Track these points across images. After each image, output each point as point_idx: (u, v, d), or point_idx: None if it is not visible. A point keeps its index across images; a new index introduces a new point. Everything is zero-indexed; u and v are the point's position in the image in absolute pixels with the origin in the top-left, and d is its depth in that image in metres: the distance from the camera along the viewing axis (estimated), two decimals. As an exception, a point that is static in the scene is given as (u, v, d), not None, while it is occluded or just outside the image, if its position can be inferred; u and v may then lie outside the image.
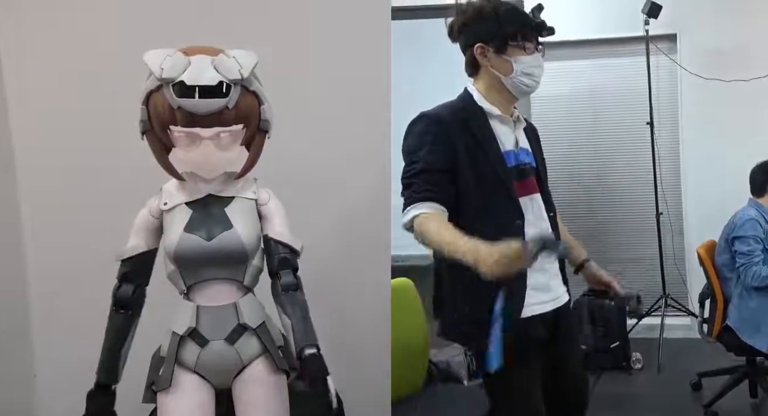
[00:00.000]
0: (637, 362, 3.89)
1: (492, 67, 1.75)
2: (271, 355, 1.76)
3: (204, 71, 1.59)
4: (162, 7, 2.33)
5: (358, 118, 2.33)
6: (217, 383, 1.76)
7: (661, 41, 4.26)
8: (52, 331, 2.53)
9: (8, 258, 2.52)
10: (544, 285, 1.77)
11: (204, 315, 1.73)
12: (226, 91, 1.60)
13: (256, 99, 1.70)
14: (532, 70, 1.74)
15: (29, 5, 2.48)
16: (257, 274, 1.79)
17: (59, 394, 2.41)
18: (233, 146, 1.69)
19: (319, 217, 2.31)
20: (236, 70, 1.61)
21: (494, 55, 1.73)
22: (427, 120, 1.73)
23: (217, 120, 1.62)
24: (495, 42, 1.72)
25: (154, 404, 1.76)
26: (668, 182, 4.33)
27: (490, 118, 1.76)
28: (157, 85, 1.62)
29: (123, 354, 1.79)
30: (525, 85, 1.75)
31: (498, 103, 1.77)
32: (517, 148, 1.79)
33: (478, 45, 1.74)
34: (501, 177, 1.72)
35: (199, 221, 1.72)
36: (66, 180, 2.46)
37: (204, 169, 1.71)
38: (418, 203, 1.66)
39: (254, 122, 1.71)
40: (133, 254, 1.78)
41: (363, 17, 2.31)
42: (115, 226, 1.85)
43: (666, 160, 4.36)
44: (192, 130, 1.62)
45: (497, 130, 1.76)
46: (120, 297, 1.79)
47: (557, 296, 1.82)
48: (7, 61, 2.48)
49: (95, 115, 2.38)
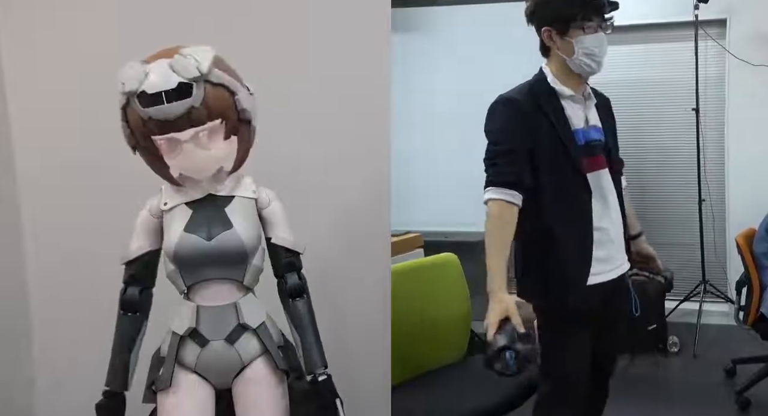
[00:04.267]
0: (674, 345, 3.94)
1: (558, 49, 1.85)
2: (271, 355, 1.76)
3: (162, 76, 1.55)
4: (162, 7, 2.30)
5: (357, 117, 2.31)
6: (217, 383, 1.75)
7: (710, 26, 4.22)
8: (52, 331, 2.50)
9: (8, 258, 2.49)
10: (609, 257, 1.90)
11: (204, 315, 1.72)
12: (188, 91, 1.56)
13: (228, 91, 1.64)
14: (592, 49, 1.82)
15: (29, 5, 2.45)
16: (257, 274, 1.78)
17: (59, 394, 2.45)
18: (215, 143, 1.64)
19: (319, 216, 2.29)
20: (194, 68, 1.56)
21: (558, 38, 1.83)
22: (505, 102, 1.84)
23: (189, 121, 1.58)
24: (557, 24, 1.82)
25: (154, 404, 1.75)
26: (712, 169, 4.33)
27: (561, 98, 1.86)
28: (126, 99, 1.60)
29: (133, 358, 1.77)
30: (586, 65, 1.84)
31: (568, 83, 1.87)
32: (587, 126, 1.90)
33: (544, 28, 1.85)
34: (571, 154, 1.83)
35: (199, 221, 1.70)
36: (66, 180, 2.43)
37: (192, 170, 1.68)
38: (495, 187, 1.79)
39: (232, 114, 1.66)
40: (138, 256, 1.76)
41: (363, 16, 2.29)
42: (115, 226, 1.83)
43: (711, 146, 4.36)
44: (170, 136, 1.59)
45: (568, 109, 1.86)
46: (127, 300, 1.76)
47: (620, 264, 1.96)
48: (8, 60, 2.46)
49: (95, 115, 2.29)
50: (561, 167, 1.83)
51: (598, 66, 1.85)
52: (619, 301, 2.01)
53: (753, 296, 3.11)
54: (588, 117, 1.91)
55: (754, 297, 3.11)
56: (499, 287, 1.71)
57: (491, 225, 1.78)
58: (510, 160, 1.79)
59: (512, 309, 1.67)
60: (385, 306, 2.31)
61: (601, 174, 1.90)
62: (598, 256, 1.86)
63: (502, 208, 1.77)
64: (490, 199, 1.79)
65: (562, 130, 1.83)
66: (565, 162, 1.83)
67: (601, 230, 1.87)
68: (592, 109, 1.94)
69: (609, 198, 1.91)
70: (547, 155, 1.81)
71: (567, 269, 1.84)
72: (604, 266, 1.88)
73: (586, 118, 1.90)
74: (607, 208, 1.90)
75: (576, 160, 1.84)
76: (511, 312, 1.67)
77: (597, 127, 1.93)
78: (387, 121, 2.32)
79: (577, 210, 1.85)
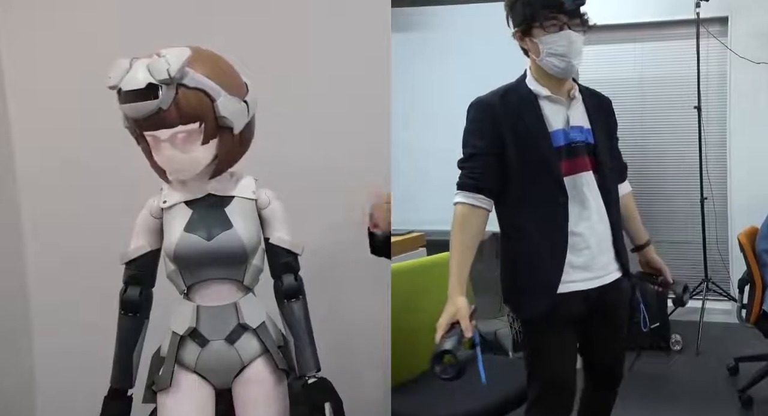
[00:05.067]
0: (677, 344, 3.93)
1: (529, 51, 1.80)
2: (271, 355, 1.76)
3: (138, 74, 1.56)
4: (162, 7, 2.31)
5: (358, 116, 2.31)
6: (217, 383, 1.76)
7: (711, 24, 4.21)
8: (52, 331, 2.51)
9: (8, 258, 2.50)
10: (586, 264, 1.81)
11: (204, 315, 1.73)
12: (156, 92, 1.55)
13: (206, 95, 1.61)
14: (556, 48, 1.72)
15: (29, 5, 2.45)
16: (257, 274, 1.78)
17: (59, 394, 2.46)
18: (193, 146, 1.63)
19: (319, 216, 2.29)
20: (164, 69, 1.55)
21: (526, 39, 1.78)
22: (476, 105, 1.81)
23: (160, 122, 1.58)
24: (522, 26, 1.77)
25: (154, 404, 1.76)
26: (714, 167, 4.31)
27: (539, 98, 1.79)
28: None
29: (135, 357, 1.78)
30: (554, 65, 1.75)
31: (546, 83, 1.80)
32: (567, 126, 1.81)
33: (514, 30, 1.80)
34: (545, 156, 1.77)
35: (199, 221, 1.71)
36: (66, 180, 2.44)
37: (171, 170, 1.68)
38: (460, 191, 1.78)
39: (210, 119, 1.63)
40: (138, 256, 1.76)
41: (363, 15, 2.29)
42: (115, 226, 1.84)
43: (712, 144, 4.34)
44: (150, 133, 1.61)
45: (546, 110, 1.79)
46: (127, 301, 1.77)
47: (604, 274, 1.85)
48: (8, 60, 2.46)
49: (95, 115, 2.29)
50: (534, 170, 1.77)
51: (567, 65, 1.75)
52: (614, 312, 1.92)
53: (755, 294, 3.10)
54: (570, 118, 1.81)
55: (756, 295, 3.10)
56: (453, 291, 1.69)
57: (454, 228, 1.77)
58: (476, 163, 1.77)
59: (462, 313, 1.64)
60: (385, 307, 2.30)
61: (582, 176, 1.81)
62: (575, 263, 1.78)
63: (467, 211, 1.76)
64: (456, 202, 1.78)
65: (537, 131, 1.77)
66: (538, 164, 1.77)
67: (577, 235, 1.78)
68: (577, 110, 1.84)
69: (590, 202, 1.81)
70: (520, 158, 1.76)
71: (537, 275, 1.78)
72: (582, 274, 1.80)
73: (567, 119, 1.81)
74: (587, 212, 1.80)
75: (551, 163, 1.77)
76: (460, 316, 1.64)
77: (581, 128, 1.83)
78: (387, 120, 2.32)
79: (550, 214, 1.78)
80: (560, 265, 1.77)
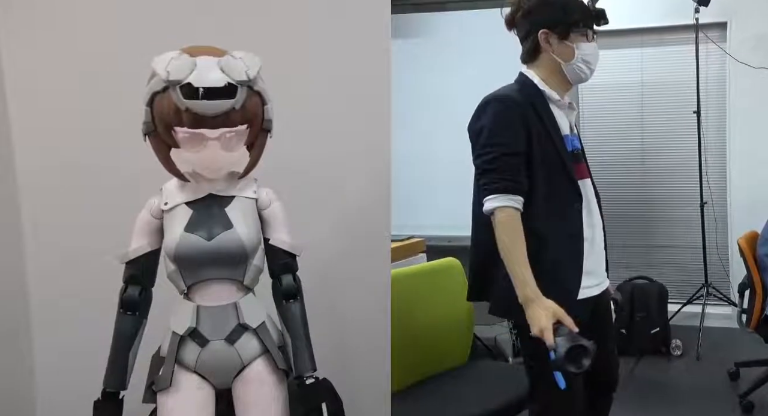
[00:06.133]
0: (677, 349, 3.94)
1: (554, 53, 1.80)
2: (271, 355, 1.76)
3: (211, 72, 1.58)
4: (162, 7, 2.31)
5: (358, 116, 2.31)
6: (217, 383, 1.76)
7: (710, 29, 4.24)
8: (52, 331, 2.50)
9: (8, 258, 2.49)
10: (596, 271, 1.84)
11: (204, 315, 1.72)
12: (233, 92, 1.59)
13: (261, 99, 1.69)
14: (590, 57, 1.81)
15: (29, 5, 2.44)
16: (257, 274, 1.78)
17: (59, 394, 2.44)
18: (238, 146, 1.68)
19: (320, 216, 2.29)
20: (243, 71, 1.59)
21: (557, 41, 1.79)
22: (501, 101, 1.76)
23: (223, 121, 1.61)
24: (560, 28, 1.78)
25: (154, 404, 1.75)
26: (714, 172, 4.33)
27: (549, 102, 1.81)
28: (162, 86, 1.60)
29: (131, 358, 1.77)
30: (582, 72, 1.82)
31: (556, 88, 1.82)
32: (571, 133, 1.85)
33: (542, 31, 1.79)
34: (564, 160, 1.77)
35: (200, 221, 1.71)
36: (66, 180, 2.43)
37: (209, 169, 1.70)
38: (498, 195, 1.70)
39: (258, 122, 1.70)
40: (138, 256, 1.76)
41: (363, 14, 2.29)
42: (115, 226, 1.84)
43: (712, 149, 4.37)
44: (198, 130, 1.61)
45: (556, 114, 1.81)
46: (127, 300, 1.77)
47: (603, 280, 1.89)
48: (8, 60, 2.46)
49: (95, 115, 2.35)
50: (555, 173, 1.76)
51: (591, 73, 1.84)
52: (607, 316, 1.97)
53: (756, 299, 3.11)
54: (571, 124, 1.87)
55: (756, 300, 3.11)
56: (536, 294, 1.62)
57: (507, 236, 1.67)
58: (507, 163, 1.70)
59: (560, 311, 1.59)
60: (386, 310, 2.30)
61: (586, 182, 1.85)
62: (586, 269, 1.78)
63: (512, 215, 1.68)
64: (498, 207, 1.68)
65: (556, 134, 1.78)
66: (559, 168, 1.76)
67: (587, 241, 1.80)
68: (573, 118, 1.89)
69: (593, 207, 1.85)
70: (542, 159, 1.74)
71: (557, 282, 1.72)
72: (591, 280, 1.81)
73: (570, 125, 1.86)
74: (592, 218, 1.84)
75: (568, 166, 1.78)
76: (560, 315, 1.59)
77: (577, 136, 1.89)
78: (387, 120, 2.32)
79: (570, 218, 1.77)
80: (579, 272, 1.77)
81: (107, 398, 1.76)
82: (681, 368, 3.80)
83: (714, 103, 4.40)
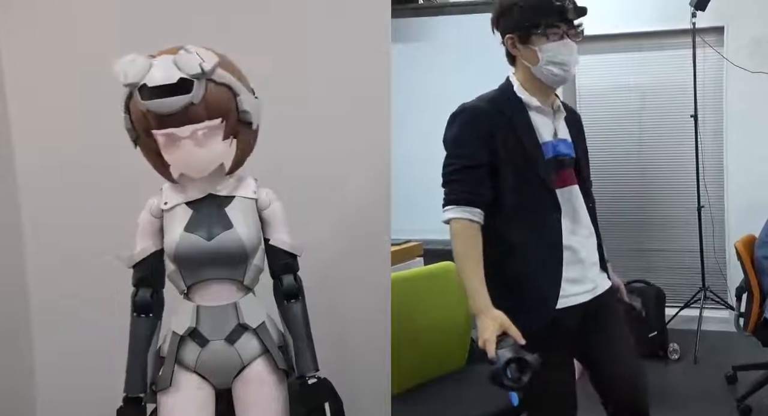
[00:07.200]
0: (674, 352, 3.94)
1: (522, 58, 1.76)
2: (271, 355, 1.76)
3: (165, 70, 1.56)
4: (162, 7, 2.31)
5: (358, 117, 2.31)
6: (217, 383, 1.76)
7: (707, 34, 4.24)
8: (52, 331, 2.50)
9: (8, 258, 2.50)
10: (580, 277, 1.79)
11: (204, 315, 1.72)
12: (189, 87, 1.56)
13: (230, 91, 1.64)
14: (559, 58, 1.71)
15: (29, 5, 2.45)
16: (257, 274, 1.78)
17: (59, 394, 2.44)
18: (213, 142, 1.64)
19: (320, 216, 2.30)
20: (197, 65, 1.56)
21: (522, 46, 1.74)
22: (467, 112, 1.74)
23: (186, 118, 1.58)
24: (519, 32, 1.74)
25: (155, 404, 1.75)
26: (711, 175, 4.34)
27: (528, 108, 1.76)
28: (128, 92, 1.61)
29: (150, 359, 1.76)
30: (553, 74, 1.73)
31: (536, 93, 1.77)
32: (555, 138, 1.79)
33: (507, 36, 1.76)
34: (538, 169, 1.73)
35: (200, 221, 1.71)
36: (66, 180, 2.43)
37: (188, 168, 1.68)
38: (454, 206, 1.71)
39: (233, 115, 1.66)
40: (145, 256, 1.75)
41: (363, 15, 2.29)
42: (115, 226, 1.84)
43: (709, 153, 4.37)
44: (167, 131, 1.59)
45: (536, 120, 1.77)
46: (140, 303, 1.76)
47: (594, 286, 1.83)
48: (8, 61, 2.46)
49: (95, 115, 2.32)
50: (527, 182, 1.73)
51: (566, 74, 1.74)
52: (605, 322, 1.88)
53: (753, 302, 3.11)
54: (557, 129, 1.80)
55: (754, 304, 3.11)
56: (486, 305, 1.62)
57: (460, 245, 1.69)
58: (469, 175, 1.70)
59: (507, 322, 1.58)
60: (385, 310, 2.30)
61: (571, 190, 1.81)
62: (569, 277, 1.75)
63: (466, 226, 1.69)
64: (453, 218, 1.70)
65: (529, 142, 1.74)
66: (532, 176, 1.73)
67: (570, 249, 1.76)
68: (562, 122, 1.84)
69: (580, 215, 1.81)
70: (513, 169, 1.71)
71: (532, 292, 1.73)
72: (576, 287, 1.77)
73: (555, 131, 1.80)
74: (578, 226, 1.80)
75: (544, 175, 1.74)
76: (507, 326, 1.58)
77: (566, 141, 1.83)
78: (387, 120, 2.32)
79: (546, 228, 1.74)
80: (557, 281, 1.74)
81: (129, 403, 1.74)
82: (678, 372, 3.80)
83: (711, 107, 4.41)
